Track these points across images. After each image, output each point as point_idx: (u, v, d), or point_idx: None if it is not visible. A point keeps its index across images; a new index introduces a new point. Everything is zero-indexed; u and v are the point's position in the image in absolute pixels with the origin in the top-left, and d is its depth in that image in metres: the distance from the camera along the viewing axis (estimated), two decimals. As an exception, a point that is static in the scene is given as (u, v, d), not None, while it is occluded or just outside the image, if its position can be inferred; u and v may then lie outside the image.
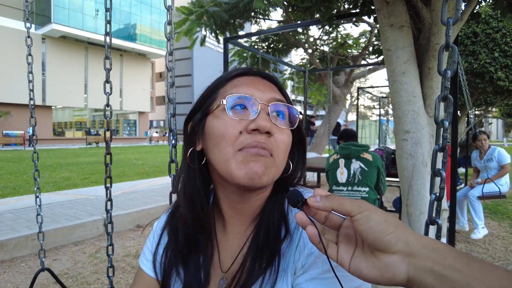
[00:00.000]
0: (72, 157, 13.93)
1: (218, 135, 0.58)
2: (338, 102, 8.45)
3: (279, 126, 0.59)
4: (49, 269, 1.85)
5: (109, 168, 1.29)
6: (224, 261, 0.65)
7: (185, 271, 0.65)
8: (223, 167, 0.57)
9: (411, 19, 1.92)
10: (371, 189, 2.99)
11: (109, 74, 1.19)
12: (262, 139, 0.56)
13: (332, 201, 0.44)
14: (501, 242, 3.90)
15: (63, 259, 3.36)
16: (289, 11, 5.65)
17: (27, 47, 1.57)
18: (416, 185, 1.86)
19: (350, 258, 0.45)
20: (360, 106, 10.48)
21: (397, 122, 1.93)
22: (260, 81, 0.63)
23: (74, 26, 25.91)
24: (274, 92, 0.62)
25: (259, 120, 0.56)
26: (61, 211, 4.61)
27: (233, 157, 0.56)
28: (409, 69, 1.85)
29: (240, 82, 0.62)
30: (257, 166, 0.55)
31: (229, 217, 0.66)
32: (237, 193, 0.61)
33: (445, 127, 0.68)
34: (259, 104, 0.58)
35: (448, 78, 0.68)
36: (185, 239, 0.65)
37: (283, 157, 0.60)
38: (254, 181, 0.55)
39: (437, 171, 0.73)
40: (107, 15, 1.19)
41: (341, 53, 7.83)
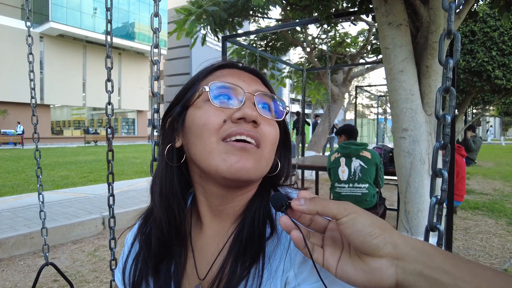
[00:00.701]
0: (71, 156, 13.90)
1: (200, 125, 0.54)
2: (337, 101, 8.46)
3: (265, 117, 0.56)
4: (53, 263, 1.88)
5: (111, 165, 1.29)
6: (201, 268, 0.59)
7: (155, 281, 0.59)
8: (206, 160, 0.53)
9: (409, 17, 1.93)
10: (370, 185, 3.14)
11: (110, 73, 1.19)
12: (248, 127, 0.53)
13: (317, 204, 0.42)
14: (498, 240, 3.92)
15: (61, 257, 3.36)
16: (288, 10, 5.65)
17: (28, 46, 1.57)
18: (414, 183, 1.87)
19: (336, 262, 0.43)
20: (358, 105, 10.50)
21: (395, 120, 1.94)
22: (244, 74, 0.60)
23: (72, 24, 25.80)
24: (259, 85, 0.60)
25: (245, 108, 0.53)
26: (59, 209, 4.61)
27: (216, 148, 0.52)
28: (407, 67, 1.86)
29: (223, 74, 0.59)
30: (244, 160, 0.51)
31: (207, 220, 0.61)
32: (219, 193, 0.57)
33: (447, 122, 0.64)
34: (245, 94, 0.54)
35: (450, 68, 0.63)
36: (158, 244, 0.59)
37: (271, 149, 0.57)
38: (241, 175, 0.51)
39: (438, 171, 0.66)
40: (108, 15, 1.20)
41: (340, 51, 7.84)
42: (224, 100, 0.54)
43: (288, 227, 0.44)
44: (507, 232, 4.22)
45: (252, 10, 5.53)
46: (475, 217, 4.85)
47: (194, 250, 0.61)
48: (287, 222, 0.44)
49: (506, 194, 6.63)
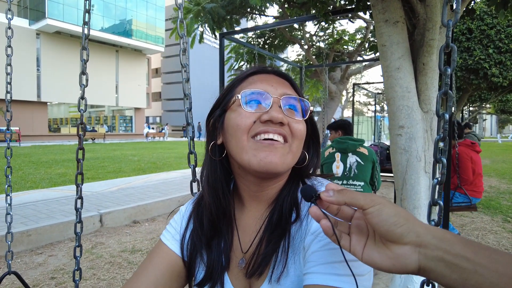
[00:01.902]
0: (68, 154, 13.86)
1: (234, 126, 0.63)
2: (334, 98, 8.45)
3: (291, 118, 0.64)
4: (17, 272, 1.79)
5: (81, 164, 1.28)
6: (243, 243, 0.70)
7: (208, 254, 0.70)
8: (239, 155, 0.62)
9: (406, 14, 1.93)
10: (366, 184, 2.99)
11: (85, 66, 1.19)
12: (275, 127, 0.61)
13: (345, 195, 0.47)
14: (493, 237, 3.96)
15: (59, 254, 3.36)
16: (285, 7, 5.64)
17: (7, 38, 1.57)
18: (410, 179, 1.88)
19: (362, 248, 0.47)
20: (355, 103, 10.54)
21: (391, 117, 1.95)
22: (273, 78, 0.68)
23: (69, 21, 25.62)
24: (286, 88, 0.67)
25: (271, 112, 0.61)
26: (56, 207, 4.60)
27: (247, 145, 0.61)
28: (403, 65, 1.86)
29: (254, 80, 0.68)
30: (271, 155, 0.60)
31: (247, 203, 0.71)
32: (255, 182, 0.67)
33: (445, 120, 0.74)
34: (272, 98, 0.63)
35: (448, 76, 0.73)
36: (209, 224, 0.70)
37: (299, 144, 0.65)
38: (269, 169, 0.60)
39: (438, 159, 0.78)
40: (86, 4, 1.19)
41: (337, 49, 7.83)
42: (254, 104, 0.63)
43: (318, 216, 0.49)
44: (503, 228, 4.26)
45: (249, 8, 5.51)
46: (471, 214, 4.89)
47: (238, 229, 0.72)
48: (317, 212, 0.49)
49: (502, 191, 6.68)
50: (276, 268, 0.62)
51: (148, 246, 3.60)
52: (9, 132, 1.78)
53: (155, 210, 4.94)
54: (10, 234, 1.79)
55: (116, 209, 4.51)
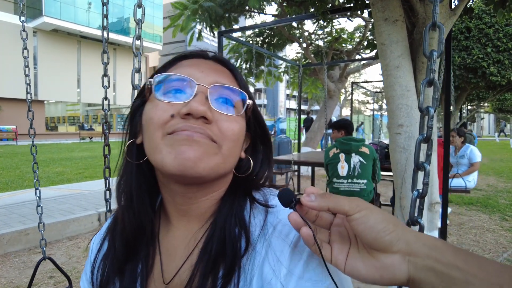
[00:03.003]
0: (66, 152, 13.82)
1: (147, 120, 0.50)
2: (333, 97, 8.47)
3: (221, 112, 0.50)
4: (51, 258, 1.90)
5: (108, 159, 1.29)
6: (167, 271, 0.55)
7: (120, 282, 0.55)
8: (153, 155, 0.49)
9: (405, 13, 1.93)
10: (368, 181, 3.19)
11: (106, 68, 1.18)
12: (197, 124, 0.47)
13: (328, 200, 0.41)
14: (491, 235, 3.97)
15: (57, 253, 3.35)
16: (284, 5, 5.63)
17: (23, 41, 1.56)
18: (409, 178, 1.88)
19: (345, 258, 0.42)
20: (354, 101, 10.54)
21: (390, 116, 1.95)
22: (206, 64, 0.54)
23: (66, 19, 25.51)
24: (222, 76, 0.53)
25: (192, 103, 0.47)
26: (55, 206, 4.59)
27: (161, 142, 0.47)
28: (403, 63, 1.86)
29: (183, 64, 0.54)
30: (190, 150, 0.46)
31: (174, 220, 0.56)
32: (179, 190, 0.52)
33: (430, 115, 0.61)
34: (196, 86, 0.49)
35: (434, 60, 0.62)
36: (122, 244, 0.56)
37: (233, 146, 0.51)
38: (187, 168, 0.46)
39: (420, 165, 0.64)
40: (104, 10, 1.17)
41: (336, 47, 7.83)
42: (172, 94, 0.49)
43: (297, 224, 0.43)
44: (500, 227, 4.27)
45: (248, 6, 5.50)
46: (469, 213, 4.91)
47: (161, 252, 0.57)
48: (297, 219, 0.43)
49: (499, 190, 6.70)
50: None
51: (147, 245, 3.60)
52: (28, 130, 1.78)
53: (154, 209, 4.93)
54: (42, 224, 2.01)
55: (114, 207, 4.50)
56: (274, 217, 0.51)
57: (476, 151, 4.61)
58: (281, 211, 0.51)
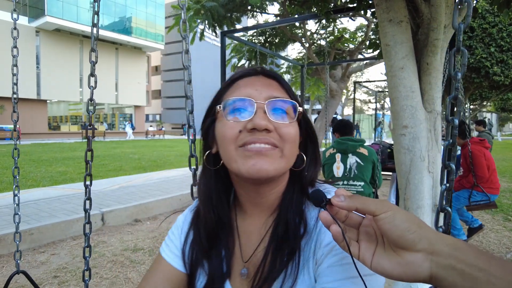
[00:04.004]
0: (68, 151, 13.86)
1: (221, 137, 0.62)
2: (335, 97, 8.44)
3: (279, 122, 0.60)
4: (25, 272, 1.82)
5: (90, 166, 1.28)
6: (245, 252, 0.68)
7: (209, 263, 0.69)
8: (229, 164, 0.62)
9: (410, 14, 1.92)
10: (366, 184, 3.01)
11: (94, 68, 1.18)
12: (261, 135, 0.58)
13: (356, 201, 0.46)
14: (494, 235, 3.96)
15: (61, 253, 3.37)
16: (286, 5, 5.62)
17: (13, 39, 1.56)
18: (413, 179, 1.88)
19: (372, 255, 0.46)
20: (356, 100, 10.51)
21: (395, 117, 1.95)
22: (258, 81, 0.65)
23: (68, 19, 25.55)
24: (273, 90, 0.64)
25: (255, 119, 0.59)
26: (58, 205, 4.61)
27: (235, 154, 0.59)
28: (407, 64, 1.86)
29: (239, 85, 0.65)
30: (261, 162, 0.58)
31: (249, 210, 0.69)
32: (252, 188, 0.65)
33: (455, 125, 0.72)
34: (255, 104, 0.60)
35: (458, 80, 0.70)
36: (206, 234, 0.70)
37: (291, 147, 0.62)
38: (260, 174, 0.58)
39: (447, 165, 0.77)
40: (95, 6, 1.17)
41: (338, 47, 7.81)
42: (237, 114, 0.61)
43: (327, 222, 0.48)
44: (504, 227, 4.26)
45: (250, 6, 5.50)
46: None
47: (240, 236, 0.70)
48: (327, 217, 0.49)
49: (502, 190, 6.68)
50: (285, 283, 0.60)
51: (150, 245, 3.60)
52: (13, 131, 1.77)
53: (157, 208, 4.94)
54: (19, 234, 1.82)
55: (117, 207, 4.51)
56: None
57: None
58: None
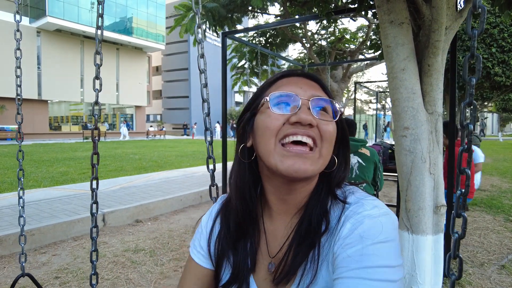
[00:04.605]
0: (69, 152, 13.88)
1: (263, 127, 0.63)
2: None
3: (321, 119, 0.63)
4: (30, 274, 1.82)
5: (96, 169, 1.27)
6: (271, 247, 0.70)
7: (234, 256, 0.71)
8: (267, 158, 0.62)
9: (411, 15, 1.93)
10: (368, 185, 2.99)
11: (99, 70, 1.17)
12: (304, 129, 0.60)
13: None
14: (495, 236, 3.96)
15: (62, 254, 3.37)
16: (287, 6, 5.62)
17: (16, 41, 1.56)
18: (415, 181, 1.88)
19: None
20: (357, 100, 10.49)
21: (396, 118, 1.95)
22: (301, 81, 0.67)
23: (69, 19, 25.58)
24: (315, 90, 0.66)
25: (300, 113, 0.60)
26: (59, 206, 4.61)
27: (274, 149, 0.61)
28: (408, 66, 1.86)
29: (283, 83, 0.67)
30: (299, 163, 0.59)
31: (275, 206, 0.70)
32: (283, 184, 0.65)
33: (469, 130, 0.73)
34: (300, 100, 0.62)
35: (472, 86, 0.71)
36: (236, 226, 0.71)
37: (328, 146, 0.63)
38: (298, 175, 0.60)
39: (463, 170, 0.78)
40: (100, 8, 1.17)
41: (339, 47, 7.81)
42: (283, 106, 0.63)
43: None
44: (505, 228, 4.26)
45: (251, 6, 5.50)
46: (473, 213, 4.89)
47: (266, 232, 0.72)
48: None
49: (503, 190, 6.67)
50: (305, 276, 0.63)
51: (151, 246, 3.61)
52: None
53: (158, 209, 4.95)
54: (24, 237, 1.82)
55: (118, 208, 4.51)
56: (349, 211, 0.63)
57: (479, 152, 4.55)
58: (353, 204, 0.63)
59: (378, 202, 0.63)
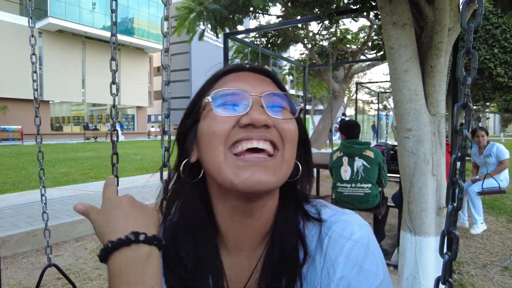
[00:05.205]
0: (71, 152, 13.90)
1: (208, 134, 0.50)
2: (337, 98, 8.45)
3: (278, 117, 0.51)
4: (56, 265, 1.89)
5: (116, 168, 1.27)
6: (233, 286, 0.56)
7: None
8: (217, 173, 0.50)
9: (414, 17, 1.92)
10: (373, 185, 3.09)
11: (115, 76, 1.17)
12: (259, 132, 0.49)
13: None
14: (498, 237, 3.95)
15: (64, 255, 3.38)
16: (289, 6, 5.62)
17: (31, 46, 1.57)
18: (417, 182, 1.87)
19: None
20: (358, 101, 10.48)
21: (399, 120, 1.94)
22: (250, 76, 0.56)
23: (71, 20, 25.66)
24: (267, 85, 0.55)
25: (252, 113, 0.49)
26: (61, 207, 4.62)
27: (225, 161, 0.49)
28: (411, 67, 1.85)
29: (228, 80, 0.55)
30: (259, 172, 0.48)
31: (233, 234, 0.56)
32: (241, 205, 0.53)
33: (464, 136, 0.65)
34: (251, 97, 0.51)
35: (468, 85, 0.65)
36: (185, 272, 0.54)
37: (292, 147, 0.53)
38: (260, 188, 0.48)
39: (455, 181, 0.68)
40: (113, 17, 1.17)
41: (340, 48, 7.81)
42: (230, 107, 0.51)
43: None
44: (507, 229, 4.24)
45: (252, 7, 5.51)
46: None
47: (224, 267, 0.57)
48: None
49: (506, 191, 6.65)
50: None
51: (153, 247, 3.61)
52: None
53: (159, 210, 4.95)
54: (48, 231, 2.00)
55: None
56: (327, 229, 0.53)
57: (503, 148, 4.34)
58: (334, 223, 0.53)
59: (356, 217, 0.54)
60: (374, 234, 2.43)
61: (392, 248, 3.47)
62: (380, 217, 3.26)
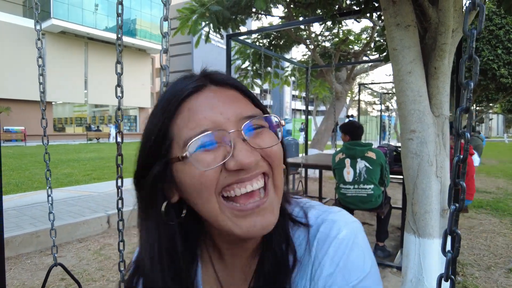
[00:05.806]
0: (73, 153, 13.95)
1: (195, 185, 0.46)
2: (340, 98, 8.43)
3: (263, 147, 0.48)
4: (62, 264, 1.91)
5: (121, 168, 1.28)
6: None
7: None
8: (216, 222, 0.48)
9: (417, 18, 1.92)
10: (375, 186, 3.13)
11: (120, 79, 1.18)
12: (250, 172, 0.46)
13: None
14: (502, 239, 3.92)
15: (67, 256, 3.39)
16: (291, 7, 5.63)
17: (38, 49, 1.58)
18: (421, 184, 1.87)
19: None
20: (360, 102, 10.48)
21: (402, 121, 1.94)
22: (213, 98, 0.48)
23: (73, 21, 25.77)
24: (238, 106, 0.49)
25: (238, 155, 0.44)
26: (64, 208, 4.63)
27: (220, 211, 0.46)
28: (415, 69, 1.85)
29: (192, 110, 0.47)
30: (260, 218, 0.47)
31: (227, 249, 0.56)
32: (238, 241, 0.54)
33: (466, 139, 0.66)
34: (230, 134, 0.45)
35: (470, 90, 0.66)
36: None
37: (280, 170, 0.51)
38: (264, 231, 0.48)
39: (457, 183, 0.70)
40: (119, 20, 1.18)
41: (343, 49, 7.81)
42: (208, 147, 0.46)
43: None
44: (511, 231, 4.22)
45: (255, 8, 5.52)
46: (479, 216, 4.85)
47: (220, 280, 0.57)
48: None
49: (509, 193, 6.62)
50: None
51: (156, 248, 3.61)
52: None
53: (162, 211, 4.95)
54: (54, 231, 2.00)
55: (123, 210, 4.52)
56: (315, 231, 0.52)
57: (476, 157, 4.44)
58: (321, 224, 0.52)
59: (342, 214, 0.53)
60: (378, 233, 2.45)
61: (395, 249, 3.46)
62: (383, 216, 3.26)
